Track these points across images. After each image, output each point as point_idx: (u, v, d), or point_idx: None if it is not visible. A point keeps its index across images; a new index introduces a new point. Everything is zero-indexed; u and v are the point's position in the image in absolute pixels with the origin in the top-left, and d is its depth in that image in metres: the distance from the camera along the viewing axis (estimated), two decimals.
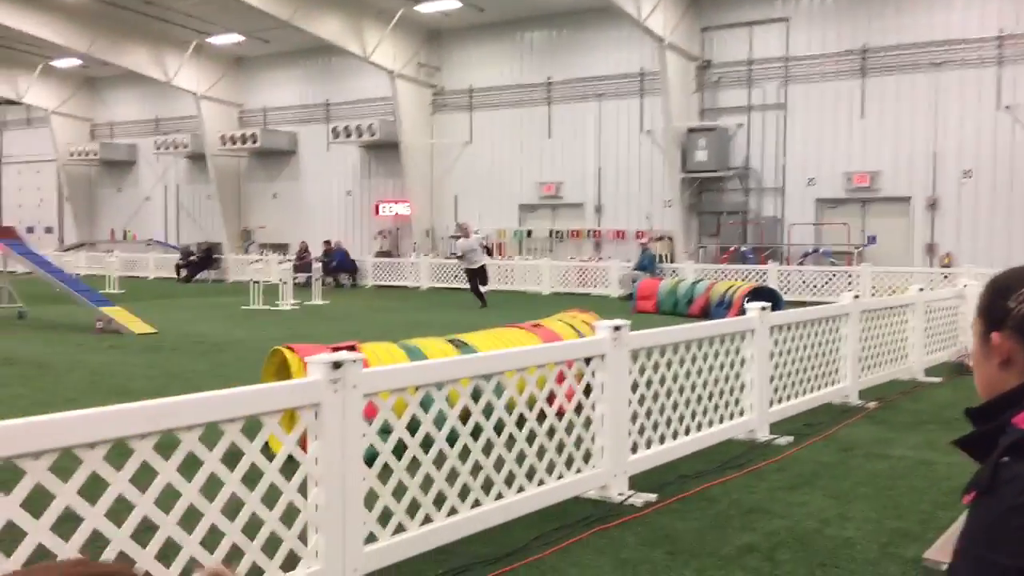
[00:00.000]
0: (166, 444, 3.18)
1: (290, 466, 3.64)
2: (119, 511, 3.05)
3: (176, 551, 3.26)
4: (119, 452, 3.07)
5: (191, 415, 3.27)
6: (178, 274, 32.46)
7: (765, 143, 24.51)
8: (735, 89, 24.82)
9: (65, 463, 2.92)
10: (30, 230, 39.85)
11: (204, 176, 34.93)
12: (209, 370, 10.62)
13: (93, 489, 2.94)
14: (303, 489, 3.73)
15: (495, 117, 29.02)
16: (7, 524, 2.78)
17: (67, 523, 2.91)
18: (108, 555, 3.05)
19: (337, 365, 3.77)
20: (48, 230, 41.08)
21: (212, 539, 3.35)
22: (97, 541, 3.00)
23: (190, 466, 3.28)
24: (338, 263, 29.42)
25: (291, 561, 3.68)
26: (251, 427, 3.47)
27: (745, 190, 24.93)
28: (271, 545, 3.59)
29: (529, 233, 28.61)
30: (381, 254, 30.77)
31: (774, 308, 7.30)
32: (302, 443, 3.75)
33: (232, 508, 3.44)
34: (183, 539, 3.28)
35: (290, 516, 3.65)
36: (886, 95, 22.79)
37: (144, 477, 3.12)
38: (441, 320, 17.30)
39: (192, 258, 32.54)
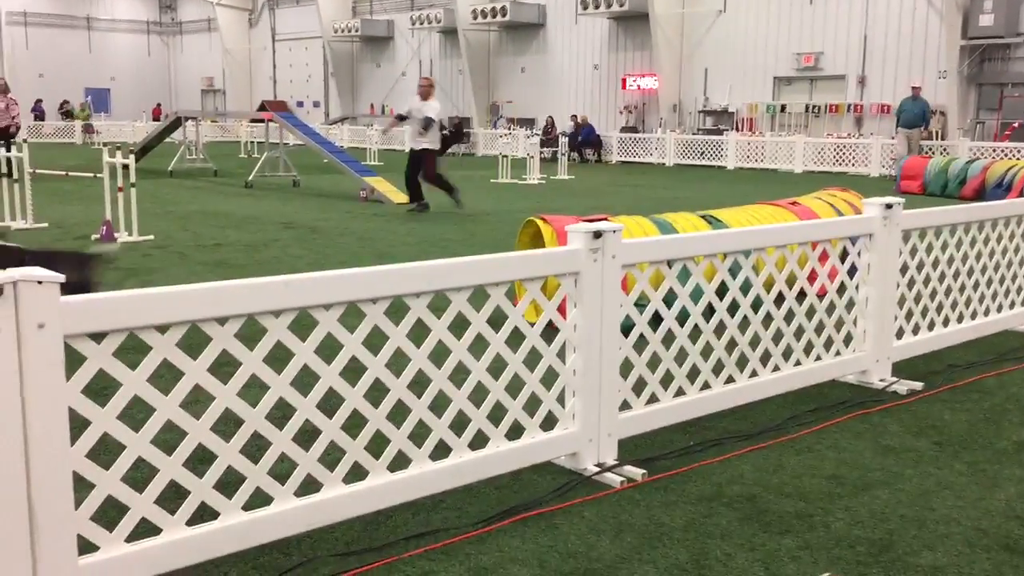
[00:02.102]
0: (436, 305, 3.34)
1: (548, 332, 3.74)
2: (397, 363, 3.27)
3: (447, 403, 3.47)
4: (396, 309, 3.26)
5: (462, 277, 3.41)
6: None
7: None
8: None
9: (350, 318, 3.15)
10: (299, 104, 42.71)
11: (456, 51, 35.70)
12: (463, 239, 11.07)
13: (375, 341, 3.16)
14: (561, 354, 3.83)
15: None
16: (303, 369, 3.05)
17: (352, 372, 3.16)
18: (387, 404, 3.29)
19: (597, 235, 3.78)
20: (316, 104, 43.81)
21: (478, 395, 3.53)
22: (377, 389, 3.23)
23: (459, 326, 3.44)
24: (583, 138, 29.46)
25: (549, 422, 3.83)
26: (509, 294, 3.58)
27: None
28: (531, 405, 3.74)
29: (783, 108, 27.22)
30: (627, 129, 30.44)
31: None
32: (559, 310, 3.83)
33: (496, 368, 3.59)
34: (453, 393, 3.48)
35: (549, 379, 3.78)
36: None
37: (419, 333, 3.30)
38: (688, 196, 17.00)
39: (444, 132, 33.65)
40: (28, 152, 11.75)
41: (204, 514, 2.90)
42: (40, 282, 2.41)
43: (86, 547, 2.63)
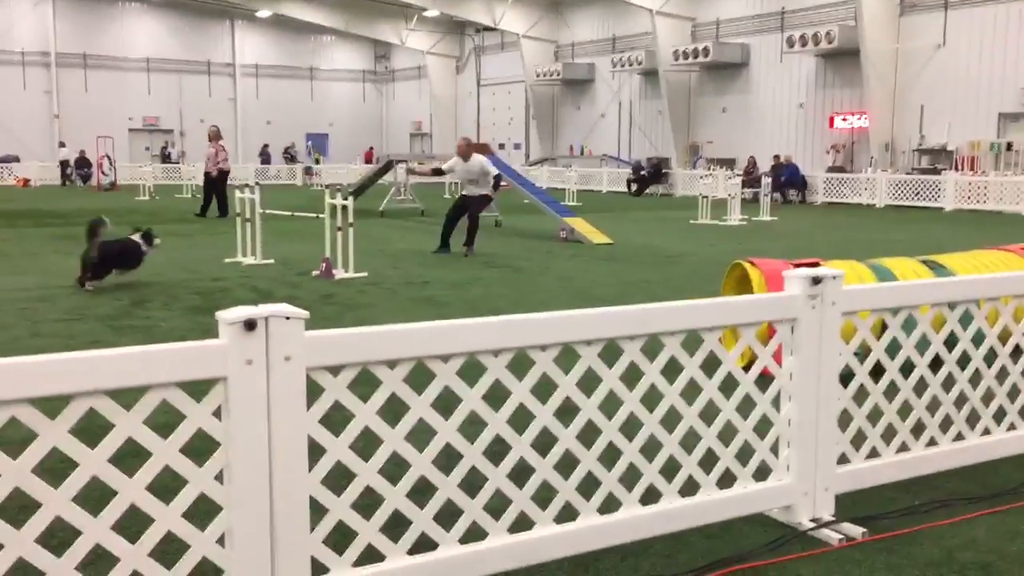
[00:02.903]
0: (649, 349, 3.33)
1: (761, 380, 3.64)
2: (609, 405, 3.28)
3: (657, 449, 3.44)
4: (609, 351, 3.28)
5: (676, 320, 3.39)
6: (629, 188, 33.88)
7: None
8: None
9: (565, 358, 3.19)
10: (501, 146, 43.92)
11: (656, 92, 35.72)
12: (662, 281, 10.99)
13: (588, 383, 3.18)
14: (776, 403, 3.72)
15: (975, 15, 25.89)
16: (518, 407, 3.11)
17: (568, 414, 3.19)
18: (599, 445, 3.30)
19: (817, 281, 3.67)
20: (516, 146, 44.95)
21: (689, 441, 3.48)
22: (589, 430, 3.24)
23: (671, 370, 3.41)
24: (787, 178, 28.65)
25: (762, 472, 3.72)
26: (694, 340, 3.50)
27: None
28: (743, 454, 3.64)
29: (1009, 146, 25.40)
30: (833, 169, 29.35)
31: None
32: (773, 357, 3.73)
33: (708, 414, 3.53)
34: (664, 438, 3.44)
35: (762, 428, 3.67)
36: None
37: (631, 376, 3.30)
38: (902, 239, 16.16)
39: (642, 173, 33.73)
40: (259, 194, 12.71)
41: (422, 544, 3.00)
42: (288, 317, 2.60)
43: (317, 569, 2.78)
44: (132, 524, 2.69)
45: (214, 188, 20.12)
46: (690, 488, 3.54)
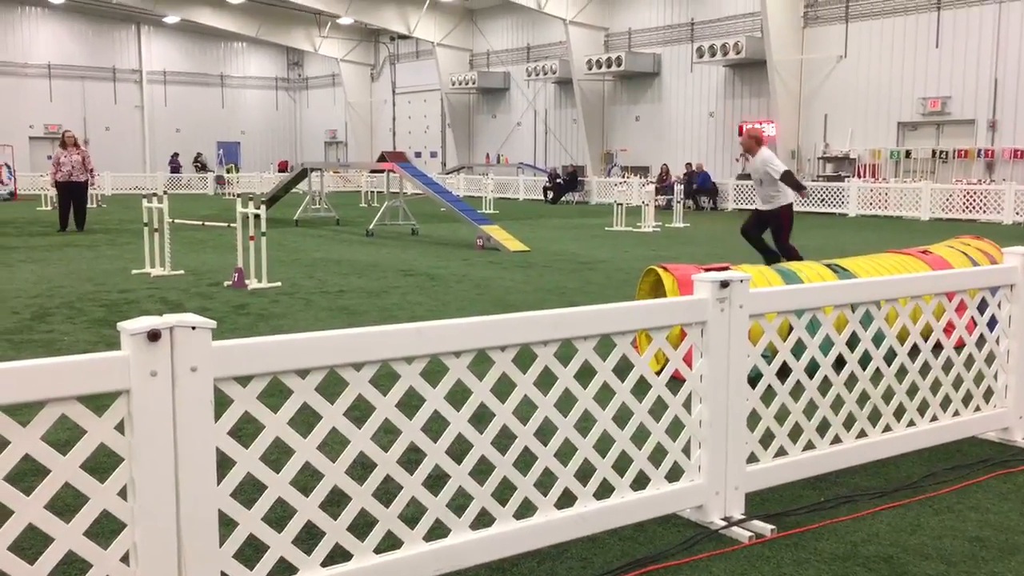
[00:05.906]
0: (563, 353, 3.35)
1: (673, 382, 3.71)
2: (524, 411, 3.29)
3: (572, 452, 3.47)
4: (523, 357, 3.29)
5: (589, 325, 3.42)
6: (545, 196, 34.12)
7: None
8: None
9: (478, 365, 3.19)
10: (417, 155, 43.81)
11: (570, 100, 36.08)
12: (579, 287, 11.09)
13: (503, 388, 3.19)
14: (687, 405, 3.79)
15: (874, 28, 26.88)
16: (433, 415, 3.10)
17: (482, 421, 3.19)
18: (514, 451, 3.30)
19: (724, 284, 3.75)
20: (433, 155, 44.86)
21: (603, 444, 3.52)
22: (504, 436, 3.25)
23: (585, 375, 3.44)
24: (699, 186, 29.24)
25: (675, 473, 3.78)
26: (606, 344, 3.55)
27: None
28: (656, 456, 3.70)
29: (908, 153, 26.41)
30: (743, 176, 30.05)
31: None
32: (684, 360, 3.80)
33: (621, 417, 3.57)
34: (578, 441, 3.47)
35: (675, 430, 3.73)
36: None
37: (545, 381, 3.32)
38: (808, 244, 16.62)
39: (558, 180, 34.00)
40: (167, 203, 12.40)
41: (337, 555, 2.96)
42: (194, 327, 2.54)
43: None
44: (32, 545, 2.59)
45: (80, 197, 19.18)
46: (605, 491, 3.58)
